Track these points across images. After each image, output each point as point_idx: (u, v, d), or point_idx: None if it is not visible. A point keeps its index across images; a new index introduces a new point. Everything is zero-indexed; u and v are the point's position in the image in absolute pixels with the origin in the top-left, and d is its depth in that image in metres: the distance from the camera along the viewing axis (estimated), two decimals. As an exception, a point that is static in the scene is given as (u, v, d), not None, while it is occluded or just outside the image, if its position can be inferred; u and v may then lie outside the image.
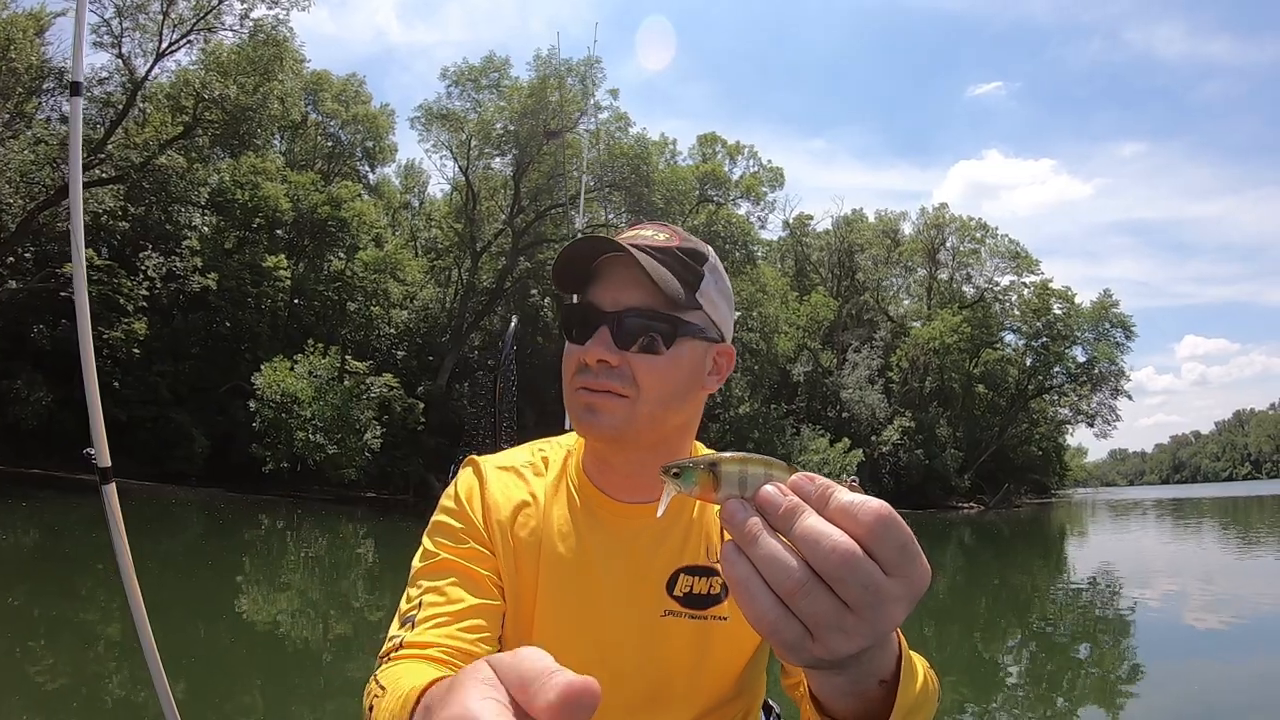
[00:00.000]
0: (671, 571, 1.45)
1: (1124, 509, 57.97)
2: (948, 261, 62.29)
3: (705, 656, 1.43)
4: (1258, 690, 8.02)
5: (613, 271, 1.39)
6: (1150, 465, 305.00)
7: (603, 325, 1.36)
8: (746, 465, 0.74)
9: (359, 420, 33.58)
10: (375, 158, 46.76)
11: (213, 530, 22.13)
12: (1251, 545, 24.37)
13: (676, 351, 1.39)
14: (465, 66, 43.27)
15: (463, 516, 1.45)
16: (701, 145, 50.78)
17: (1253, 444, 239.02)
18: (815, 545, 0.67)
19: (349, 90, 44.29)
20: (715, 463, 0.75)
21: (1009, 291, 60.95)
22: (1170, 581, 16.61)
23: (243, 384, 32.89)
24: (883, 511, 0.68)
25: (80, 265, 3.08)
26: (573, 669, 0.94)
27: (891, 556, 0.68)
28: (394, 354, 42.41)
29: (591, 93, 43.54)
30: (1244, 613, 12.25)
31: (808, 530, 0.68)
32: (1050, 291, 59.42)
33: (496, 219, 45.32)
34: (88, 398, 3.03)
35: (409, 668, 1.16)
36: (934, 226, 61.74)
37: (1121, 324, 59.34)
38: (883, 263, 61.74)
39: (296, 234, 40.27)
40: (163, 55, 33.29)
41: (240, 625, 10.01)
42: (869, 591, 0.67)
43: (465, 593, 1.33)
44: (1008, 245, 60.63)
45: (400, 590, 1.33)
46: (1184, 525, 36.51)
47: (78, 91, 3.10)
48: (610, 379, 1.35)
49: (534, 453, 1.59)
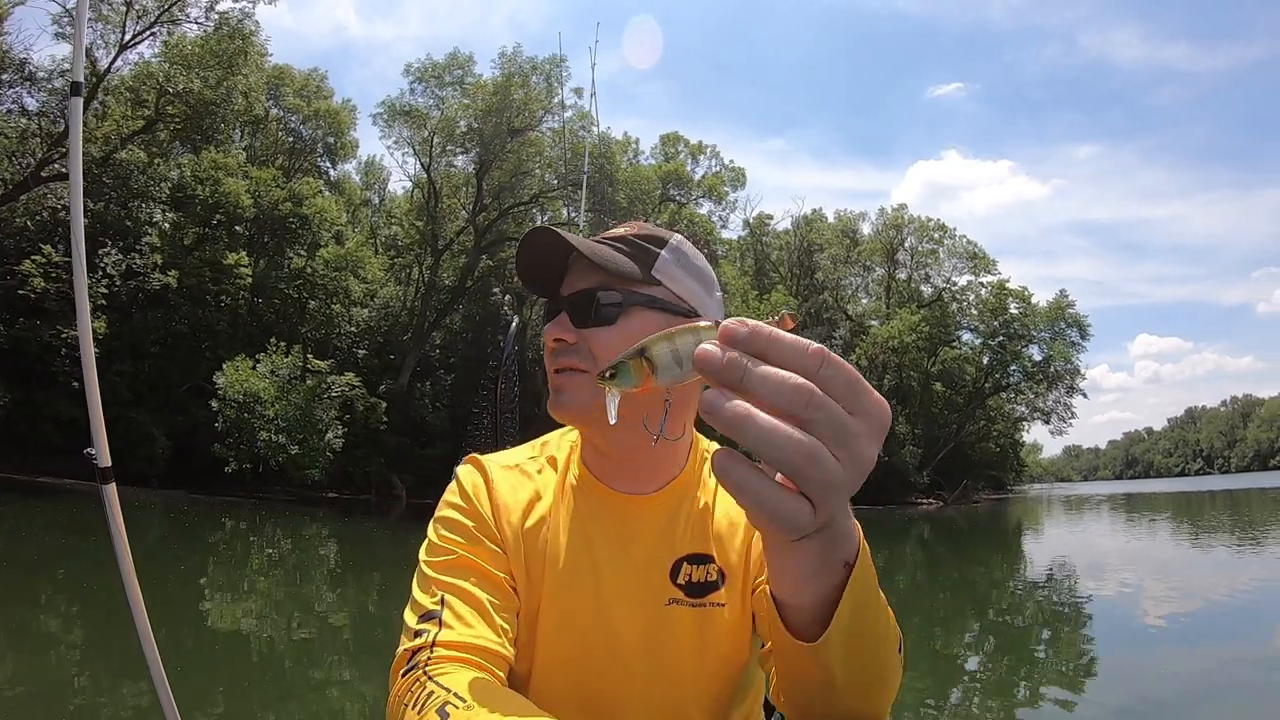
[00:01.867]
0: (675, 560, 1.49)
1: (1079, 504, 58.55)
2: (906, 261, 63.66)
3: (706, 646, 1.46)
4: (1210, 678, 8.24)
5: (573, 264, 1.47)
6: (1104, 461, 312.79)
7: (561, 309, 1.44)
8: (674, 339, 0.73)
9: (321, 420, 33.74)
10: (337, 154, 46.83)
11: (175, 533, 21.73)
12: (1203, 539, 24.84)
13: (627, 322, 1.44)
14: (429, 63, 43.74)
15: (474, 515, 1.47)
16: (664, 145, 51.41)
17: (1204, 440, 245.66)
18: (771, 387, 0.66)
19: (311, 85, 44.33)
20: (644, 348, 0.75)
21: (967, 291, 62.63)
22: (1125, 574, 16.76)
23: (203, 383, 32.89)
24: (822, 350, 0.68)
25: (81, 264, 3.05)
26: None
27: (841, 392, 0.68)
28: (355, 352, 42.67)
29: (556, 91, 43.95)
30: (1196, 604, 12.50)
31: (759, 375, 0.66)
32: (1007, 291, 61.14)
33: (458, 217, 45.77)
34: (88, 398, 3.04)
35: (477, 679, 1.16)
36: (893, 227, 63.03)
37: (1077, 323, 61.22)
38: (842, 262, 62.82)
39: (257, 231, 40.25)
40: (126, 47, 33.22)
41: (203, 629, 9.93)
42: (836, 426, 0.67)
43: (486, 593, 1.35)
44: (966, 246, 62.15)
45: (365, 592, 1.57)
46: (1137, 520, 36.81)
47: (78, 91, 3.08)
48: (569, 356, 1.42)
49: (536, 449, 1.63)
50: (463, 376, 44.02)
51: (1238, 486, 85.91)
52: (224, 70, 34.75)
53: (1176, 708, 7.35)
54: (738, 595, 1.46)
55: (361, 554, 20.32)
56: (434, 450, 40.35)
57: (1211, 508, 43.56)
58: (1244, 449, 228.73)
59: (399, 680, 1.19)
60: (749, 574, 1.47)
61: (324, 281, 40.14)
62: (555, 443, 1.63)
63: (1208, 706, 7.34)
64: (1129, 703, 7.45)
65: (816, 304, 60.57)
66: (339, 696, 7.34)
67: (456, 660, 1.20)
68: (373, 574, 16.41)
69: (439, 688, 1.11)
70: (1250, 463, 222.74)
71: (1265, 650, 9.35)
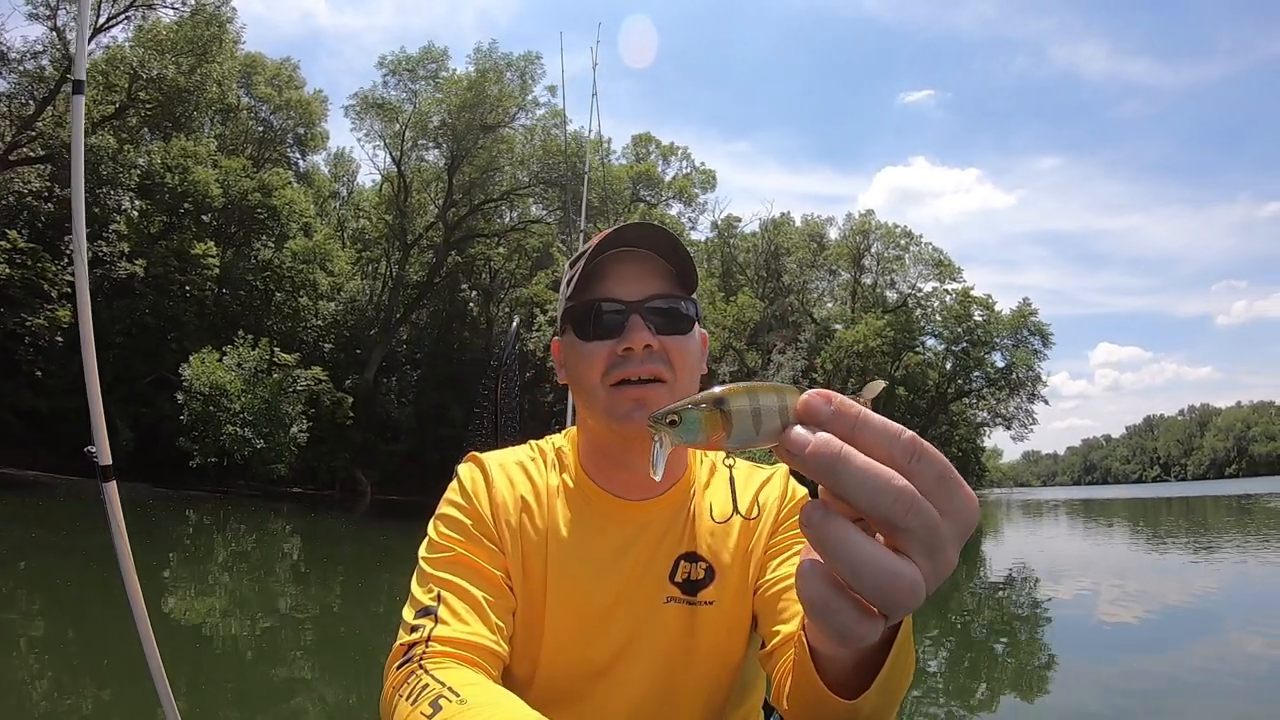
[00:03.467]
0: (674, 559, 1.50)
1: (1038, 509, 59.87)
2: (872, 267, 64.64)
3: (698, 643, 1.47)
4: (1166, 681, 8.45)
5: (624, 265, 1.45)
6: (1062, 467, 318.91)
7: (633, 314, 1.41)
8: (757, 397, 0.64)
9: (288, 415, 33.86)
10: (307, 145, 46.70)
11: (137, 527, 20.55)
12: (1159, 545, 25.42)
13: (693, 333, 1.47)
14: (403, 56, 44.07)
15: (472, 513, 1.48)
16: (636, 145, 51.87)
17: (1161, 448, 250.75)
18: (862, 484, 0.58)
19: (283, 74, 44.23)
20: (721, 400, 0.64)
21: (931, 297, 63.60)
22: (1083, 578, 17.01)
23: (169, 375, 32.85)
24: (914, 439, 0.61)
25: (82, 265, 3.08)
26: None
27: (934, 488, 0.60)
28: (321, 346, 42.76)
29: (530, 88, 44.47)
30: (1153, 608, 12.72)
31: (858, 475, 0.59)
32: (971, 299, 62.22)
33: (427, 212, 46.11)
34: (89, 395, 3.04)
35: (471, 676, 1.18)
36: (860, 232, 63.99)
37: (1039, 331, 62.41)
38: (808, 266, 63.56)
39: (225, 221, 40.17)
40: (100, 30, 32.95)
41: (166, 625, 9.52)
42: (929, 536, 0.60)
43: (483, 591, 1.36)
44: (931, 253, 63.24)
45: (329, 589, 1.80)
46: (1096, 525, 37.66)
47: (80, 89, 3.08)
48: (654, 363, 1.40)
49: (533, 451, 1.64)
50: (429, 372, 44.51)
51: (1194, 494, 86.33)
52: (197, 57, 34.78)
53: (1134, 709, 7.55)
54: (731, 593, 1.49)
55: (326, 550, 20.41)
56: (399, 446, 40.84)
57: (1168, 514, 44.42)
58: (1201, 457, 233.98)
59: (394, 673, 1.23)
60: (746, 574, 1.50)
61: (291, 274, 40.23)
62: (555, 443, 1.66)
63: (1164, 708, 7.54)
64: (1087, 704, 7.65)
65: (782, 307, 61.15)
66: (301, 695, 7.28)
67: (451, 656, 1.24)
68: (336, 571, 16.55)
69: (434, 681, 1.14)
70: (1207, 471, 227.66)
71: (1219, 653, 9.63)
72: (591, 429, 1.54)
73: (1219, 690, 7.95)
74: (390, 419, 41.98)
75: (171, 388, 32.27)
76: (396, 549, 21.22)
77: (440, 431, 41.54)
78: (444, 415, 41.94)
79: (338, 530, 26.23)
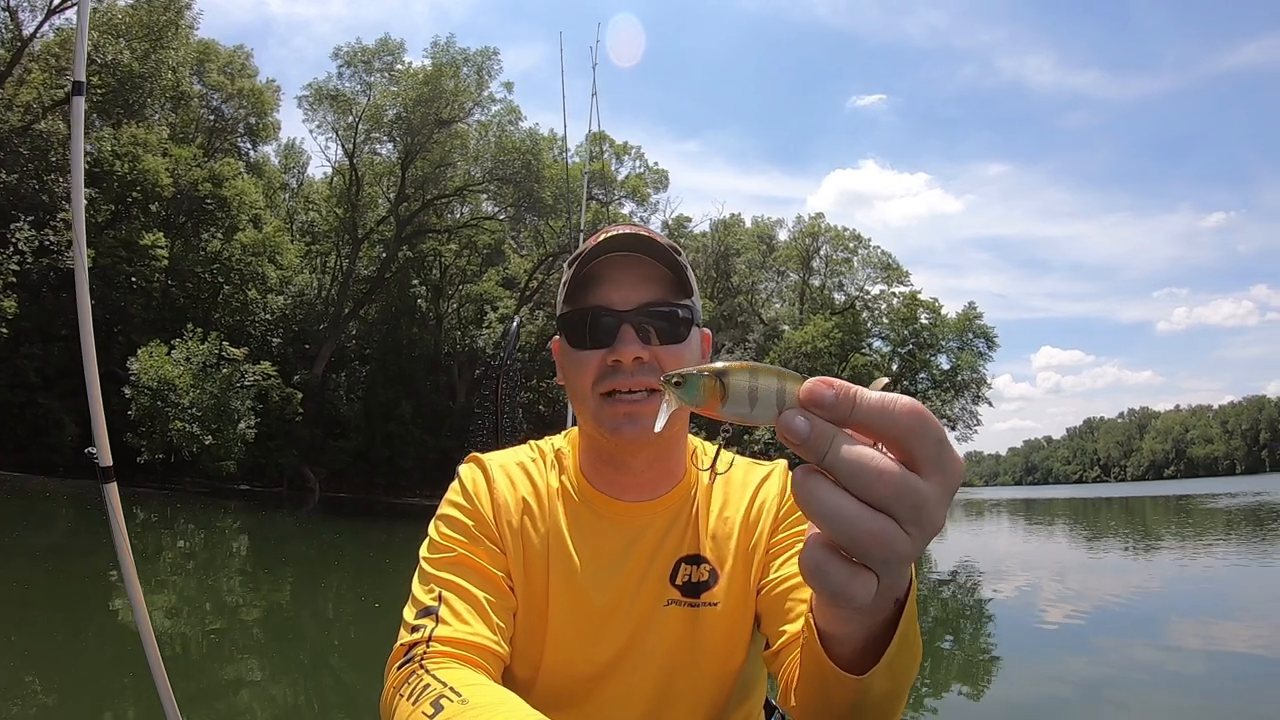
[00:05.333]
0: (674, 562, 1.52)
1: (980, 508, 59.89)
2: (821, 269, 66.62)
3: (700, 645, 1.49)
4: (1107, 676, 8.61)
5: (617, 271, 1.46)
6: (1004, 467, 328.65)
7: (624, 324, 1.43)
8: (757, 376, 0.70)
9: (237, 410, 33.82)
10: (258, 135, 46.53)
11: (84, 524, 20.72)
12: (1099, 544, 26.12)
13: (691, 338, 1.48)
14: (359, 47, 44.27)
15: (474, 514, 1.50)
16: (590, 144, 52.08)
17: (1101, 449, 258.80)
18: (857, 472, 0.65)
19: (235, 63, 43.98)
20: (724, 371, 0.71)
21: (879, 300, 65.70)
22: (1025, 576, 17.40)
23: (116, 369, 31.99)
24: (918, 408, 0.66)
25: (82, 264, 3.13)
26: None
27: (930, 454, 0.66)
28: (269, 341, 42.74)
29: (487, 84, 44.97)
30: (1093, 606, 13.03)
31: (845, 456, 0.65)
32: (918, 302, 64.42)
33: (378, 206, 46.40)
34: (89, 396, 3.07)
35: (473, 676, 1.21)
36: (809, 235, 65.86)
37: (984, 335, 64.87)
38: (758, 267, 65.01)
39: (174, 211, 39.94)
40: (54, 11, 32.83)
41: (114, 625, 9.61)
42: (916, 505, 0.65)
43: (483, 591, 1.38)
44: (880, 256, 65.33)
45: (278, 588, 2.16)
46: (1037, 524, 38.80)
47: (80, 91, 3.11)
48: (644, 375, 1.42)
49: (533, 452, 1.66)
50: (378, 369, 44.90)
51: (1133, 494, 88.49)
52: (152, 42, 34.70)
53: (1075, 703, 7.75)
54: (734, 595, 1.51)
55: (274, 548, 20.60)
56: (347, 442, 41.20)
57: (1107, 514, 45.64)
58: (1140, 459, 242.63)
59: (394, 673, 1.25)
60: (749, 575, 1.51)
61: (240, 266, 40.24)
62: (555, 444, 1.68)
63: (1104, 700, 7.73)
64: (1030, 698, 7.95)
65: (731, 307, 62.25)
66: (249, 696, 7.31)
67: (453, 656, 1.26)
68: (285, 569, 16.75)
69: (435, 681, 1.16)
70: (1145, 472, 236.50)
71: (1157, 649, 10.01)
72: (588, 432, 1.57)
73: (1157, 685, 8.33)
74: (339, 415, 42.21)
75: (118, 382, 31.31)
76: (346, 547, 21.80)
77: (389, 428, 42.01)
78: (393, 412, 42.36)
79: (286, 528, 26.33)
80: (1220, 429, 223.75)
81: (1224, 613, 12.27)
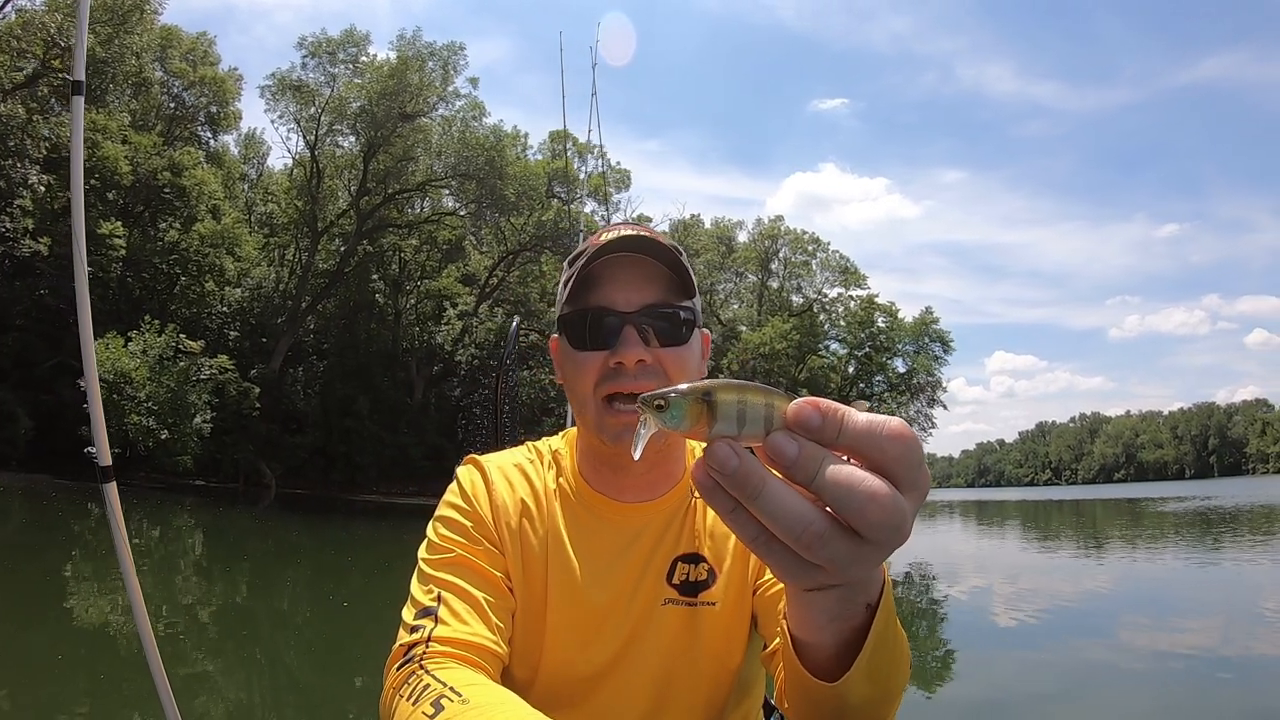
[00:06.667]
0: (671, 560, 1.54)
1: (934, 510, 60.32)
2: (779, 271, 67.88)
3: (698, 645, 1.51)
4: (1058, 673, 8.87)
5: (621, 271, 1.47)
6: (957, 469, 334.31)
7: (626, 326, 1.44)
8: (744, 395, 0.68)
9: (194, 404, 33.71)
10: (219, 124, 46.43)
11: (37, 520, 21.22)
12: (1050, 545, 26.61)
13: (693, 340, 1.50)
14: (323, 38, 44.32)
15: (473, 515, 1.52)
16: (553, 141, 52.45)
17: (1053, 453, 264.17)
18: (848, 495, 0.64)
19: (198, 50, 43.79)
20: (709, 392, 0.68)
21: (836, 303, 66.90)
22: (978, 577, 17.73)
23: (70, 360, 30.92)
24: (905, 431, 0.66)
25: (81, 263, 3.12)
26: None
27: (910, 476, 0.66)
28: (226, 334, 42.56)
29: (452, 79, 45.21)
30: (1044, 606, 13.28)
31: (836, 480, 0.64)
32: (875, 305, 65.79)
33: (338, 199, 46.43)
34: (89, 397, 3.09)
35: (473, 676, 1.21)
36: (768, 237, 67.09)
37: (940, 339, 66.28)
38: (716, 268, 65.63)
39: (132, 199, 39.61)
40: (15, -10, 32.18)
41: (68, 624, 9.67)
42: (894, 529, 0.65)
43: (483, 592, 1.39)
44: (838, 260, 66.49)
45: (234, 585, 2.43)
46: (989, 526, 39.52)
47: (80, 90, 3.10)
48: (645, 378, 1.42)
49: (531, 454, 1.68)
50: (336, 364, 45.08)
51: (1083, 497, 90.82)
52: (116, 27, 34.56)
53: (1028, 699, 7.98)
54: (732, 594, 1.53)
55: (229, 545, 20.66)
56: (304, 438, 41.27)
57: (1059, 517, 46.84)
58: (1090, 462, 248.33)
59: (394, 673, 1.26)
60: (747, 574, 1.53)
61: (198, 258, 40.09)
62: (552, 445, 1.69)
63: (1057, 696, 7.99)
64: (985, 695, 8.15)
65: (690, 307, 62.55)
66: (204, 695, 7.23)
67: (452, 656, 1.27)
68: (241, 566, 16.94)
69: (435, 681, 1.17)
70: (1096, 475, 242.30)
71: (1108, 646, 10.25)
72: (587, 435, 1.57)
73: (1107, 681, 8.51)
74: (296, 411, 42.25)
75: (73, 374, 29.65)
76: (303, 545, 22.02)
77: (346, 424, 42.23)
78: (350, 408, 42.54)
79: (242, 525, 26.34)
80: (1170, 434, 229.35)
81: (1172, 613, 12.64)
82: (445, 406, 47.92)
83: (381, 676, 1.29)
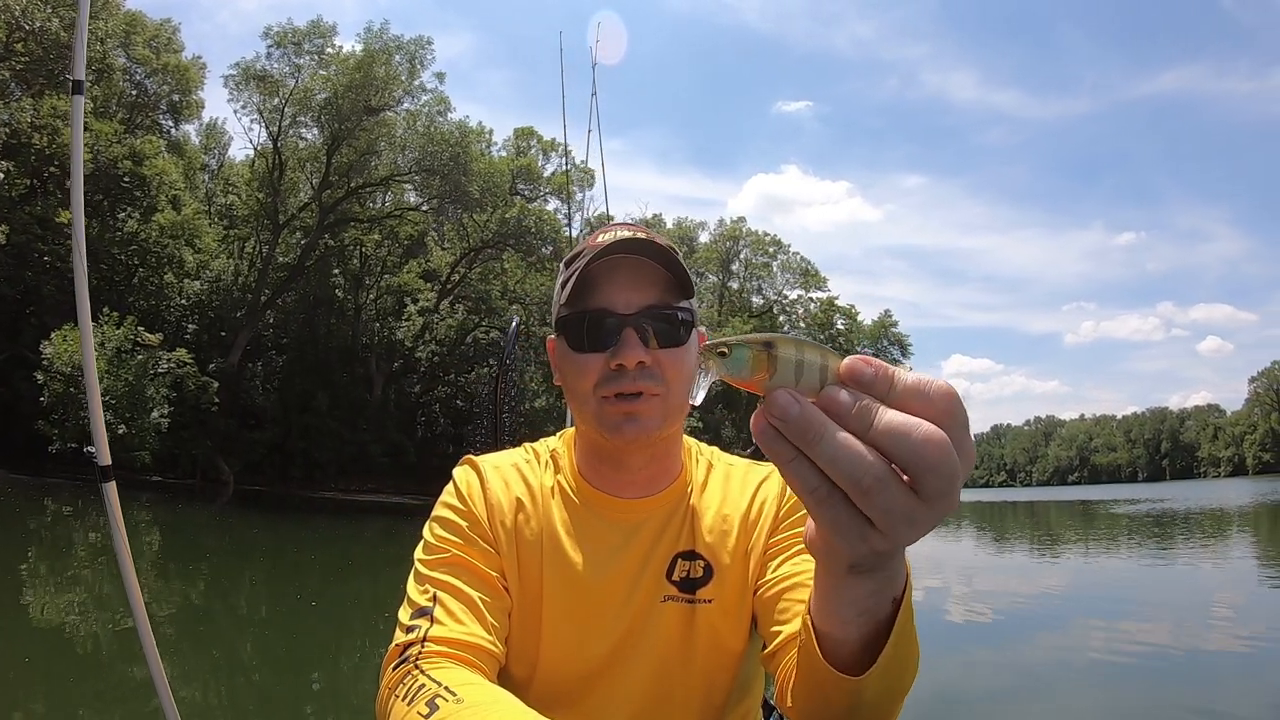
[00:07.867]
0: (671, 556, 1.55)
1: None
2: (740, 272, 69.17)
3: (696, 642, 1.52)
4: (1011, 674, 9.12)
5: (621, 272, 1.47)
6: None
7: (626, 327, 1.44)
8: (803, 350, 0.70)
9: (152, 399, 33.57)
10: (181, 113, 45.96)
11: None
12: (1005, 546, 27.71)
13: (690, 340, 1.50)
14: (289, 28, 44.28)
15: (468, 515, 1.53)
16: (517, 139, 52.75)
17: (1008, 455, 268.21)
18: (905, 439, 0.65)
19: (162, 36, 43.23)
20: (771, 343, 0.70)
21: (796, 305, 68.80)
22: (933, 577, 17.71)
23: (27, 353, 31.95)
24: (953, 391, 0.67)
25: (81, 263, 3.14)
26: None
27: (958, 434, 0.67)
28: (184, 327, 42.51)
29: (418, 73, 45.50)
30: (999, 606, 13.67)
31: (893, 425, 0.66)
32: (835, 308, 67.61)
33: (300, 191, 46.48)
34: (89, 396, 3.11)
35: (468, 676, 1.23)
36: (730, 238, 68.49)
37: (898, 341, 68.92)
38: (677, 267, 66.09)
39: (91, 189, 38.07)
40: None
41: (24, 623, 9.68)
42: (949, 480, 0.66)
43: (479, 592, 1.41)
44: (799, 262, 67.87)
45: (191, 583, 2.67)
46: (945, 527, 38.23)
47: (79, 89, 3.13)
48: (645, 379, 1.44)
49: (528, 454, 1.69)
50: (295, 359, 45.21)
51: (1038, 499, 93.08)
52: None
53: (982, 696, 8.20)
54: (730, 593, 1.54)
55: (186, 542, 20.60)
56: (263, 434, 41.33)
57: (1013, 518, 48.30)
58: (1045, 465, 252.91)
59: (389, 673, 1.27)
60: (747, 574, 1.54)
61: (157, 249, 40.05)
62: (550, 445, 1.72)
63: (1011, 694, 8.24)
64: (940, 692, 8.18)
65: (651, 305, 63.33)
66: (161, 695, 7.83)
67: (448, 656, 1.28)
68: (199, 564, 16.90)
69: (430, 681, 1.18)
70: (1050, 478, 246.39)
71: (1062, 644, 10.63)
72: (586, 432, 1.60)
73: (1060, 679, 8.87)
74: (254, 406, 42.33)
75: (30, 367, 31.24)
76: (261, 542, 22.23)
77: (305, 420, 42.35)
78: (309, 404, 42.65)
79: (200, 521, 26.38)
80: (1124, 438, 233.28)
81: (1125, 612, 13.01)
82: (405, 404, 48.20)
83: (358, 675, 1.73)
